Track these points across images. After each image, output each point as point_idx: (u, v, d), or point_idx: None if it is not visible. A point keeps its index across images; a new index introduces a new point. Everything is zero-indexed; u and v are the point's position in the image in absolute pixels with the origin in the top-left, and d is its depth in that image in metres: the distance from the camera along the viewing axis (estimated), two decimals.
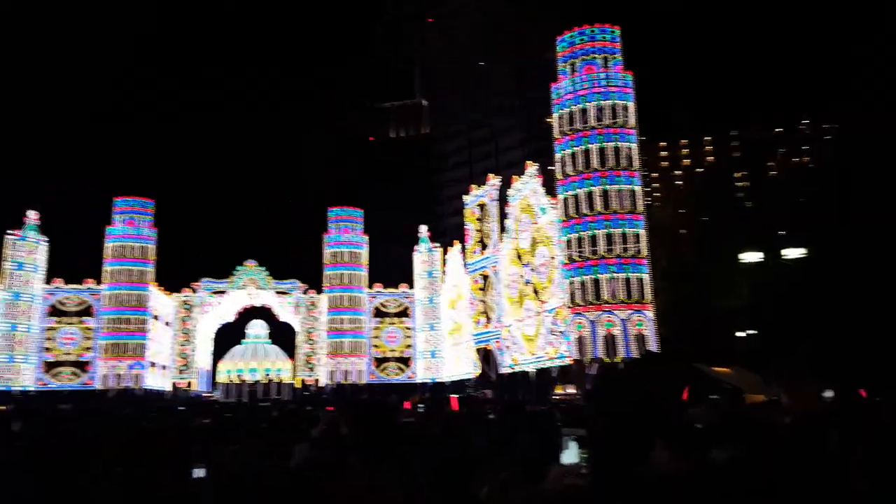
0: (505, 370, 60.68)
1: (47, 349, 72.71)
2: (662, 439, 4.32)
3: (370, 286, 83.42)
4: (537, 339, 55.40)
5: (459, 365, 74.51)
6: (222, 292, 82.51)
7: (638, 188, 51.50)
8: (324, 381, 80.00)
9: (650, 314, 49.43)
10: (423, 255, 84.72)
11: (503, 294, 62.12)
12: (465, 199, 71.43)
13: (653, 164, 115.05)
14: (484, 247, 66.93)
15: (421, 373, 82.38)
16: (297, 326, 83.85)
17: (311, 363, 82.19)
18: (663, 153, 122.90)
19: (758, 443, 5.09)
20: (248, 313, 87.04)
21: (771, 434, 5.56)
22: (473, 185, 70.53)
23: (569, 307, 50.60)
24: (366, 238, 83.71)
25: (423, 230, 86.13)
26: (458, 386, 71.33)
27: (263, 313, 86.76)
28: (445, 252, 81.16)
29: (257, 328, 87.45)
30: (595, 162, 51.14)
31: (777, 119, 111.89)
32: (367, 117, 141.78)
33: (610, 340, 48.87)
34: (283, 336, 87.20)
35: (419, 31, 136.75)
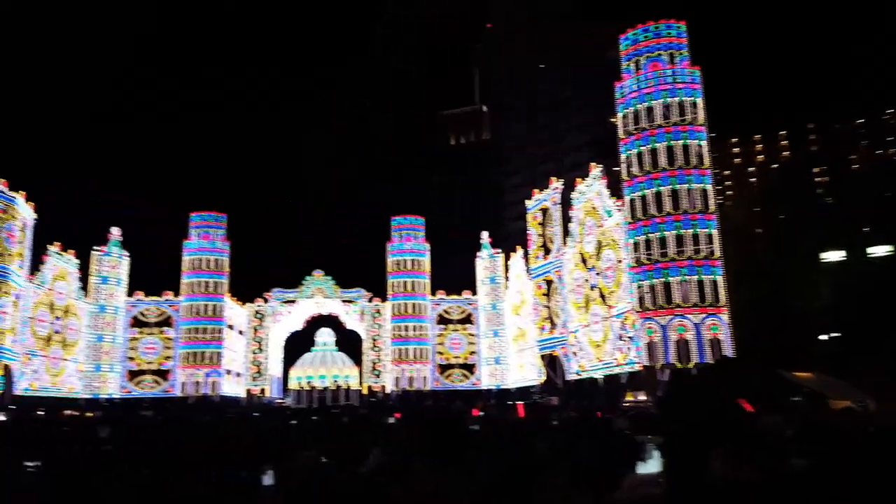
0: (571, 377, 59.55)
1: (130, 358, 76.59)
2: (730, 448, 4.03)
3: (433, 293, 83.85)
4: (605, 344, 54.12)
5: (524, 371, 73.71)
6: (292, 301, 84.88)
7: (709, 187, 49.70)
8: (389, 387, 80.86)
9: (725, 317, 47.48)
10: (486, 262, 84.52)
11: (568, 299, 61.06)
12: (527, 203, 70.79)
13: (724, 162, 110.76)
14: (547, 251, 66.05)
15: (485, 379, 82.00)
16: (362, 334, 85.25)
17: (377, 370, 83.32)
18: (735, 149, 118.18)
19: (838, 451, 4.68)
20: (317, 321, 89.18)
21: (852, 442, 5.12)
22: (535, 190, 69.77)
23: (638, 311, 49.19)
24: (428, 246, 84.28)
25: (485, 236, 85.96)
26: (523, 393, 70.55)
27: (331, 321, 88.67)
28: (508, 258, 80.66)
29: (325, 336, 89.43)
30: (663, 161, 49.70)
31: (858, 109, 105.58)
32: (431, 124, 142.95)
33: (682, 345, 47.22)
34: (349, 343, 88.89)
35: (478, 38, 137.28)
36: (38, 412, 53.51)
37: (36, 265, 63.68)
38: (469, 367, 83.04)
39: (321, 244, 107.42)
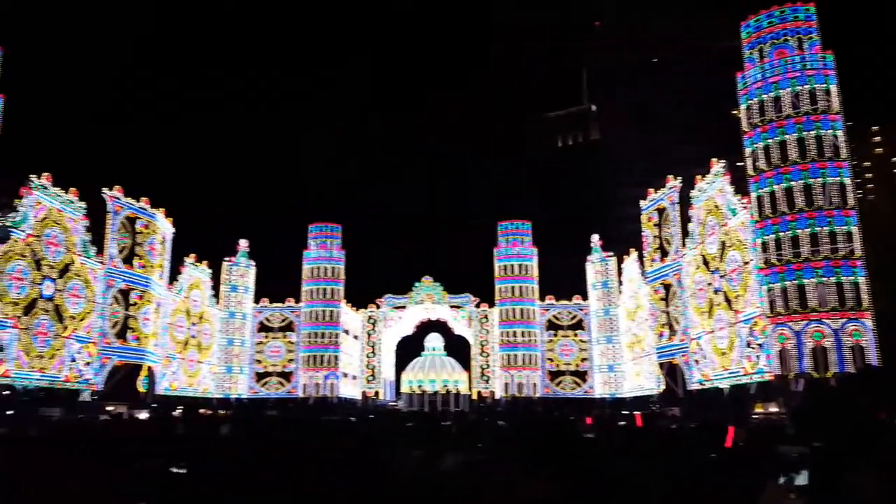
0: (694, 386, 56.22)
1: (258, 361, 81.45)
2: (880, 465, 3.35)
3: (542, 298, 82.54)
4: (731, 352, 50.61)
5: (640, 380, 70.56)
6: (402, 307, 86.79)
7: (847, 180, 45.32)
8: (499, 393, 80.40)
9: (868, 323, 42.96)
10: (597, 265, 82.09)
11: (689, 304, 57.81)
12: (642, 203, 67.94)
13: (864, 152, 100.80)
14: (664, 254, 62.97)
15: (599, 388, 79.41)
16: (470, 339, 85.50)
17: (486, 375, 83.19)
18: (877, 138, 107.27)
19: None
20: (426, 326, 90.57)
21: None
22: (650, 189, 66.79)
23: (768, 317, 45.60)
24: (535, 250, 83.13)
25: (595, 239, 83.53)
26: (639, 402, 67.52)
27: (440, 326, 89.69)
28: (620, 261, 77.81)
29: (434, 341, 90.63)
30: (793, 154, 45.92)
31: None
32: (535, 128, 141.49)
33: (819, 353, 43.22)
34: (458, 348, 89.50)
35: (587, 36, 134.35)
36: (177, 410, 58.06)
37: (174, 275, 69.26)
38: (581, 375, 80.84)
39: (431, 250, 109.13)
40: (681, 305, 59.31)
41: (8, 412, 39.14)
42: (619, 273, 78.22)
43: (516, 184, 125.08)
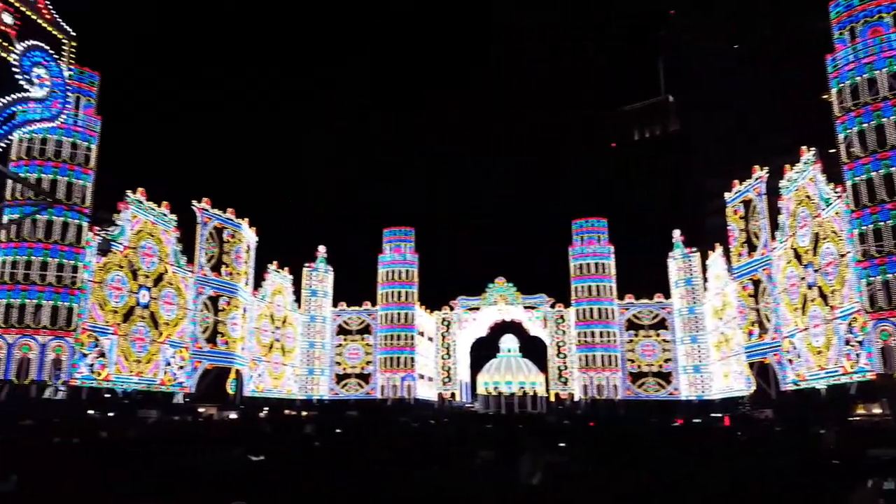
0: (787, 387, 53.14)
1: (337, 363, 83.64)
2: None
3: (620, 297, 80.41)
4: (828, 350, 47.48)
5: (729, 381, 67.40)
6: (476, 309, 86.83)
7: None
8: (578, 395, 78.94)
9: None
10: (679, 262, 79.18)
11: (781, 300, 54.73)
12: (727, 196, 64.90)
13: None
14: (752, 248, 59.91)
15: (684, 389, 76.50)
16: (546, 340, 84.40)
17: (563, 377, 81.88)
18: None
19: None
20: (501, 328, 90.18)
21: None
22: (735, 181, 63.73)
23: (868, 312, 42.45)
24: (611, 248, 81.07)
25: (677, 235, 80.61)
26: (728, 404, 64.55)
27: (514, 328, 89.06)
28: (705, 257, 74.68)
29: (509, 342, 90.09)
30: (893, 138, 42.59)
31: None
32: (609, 122, 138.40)
33: None
34: (534, 349, 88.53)
35: (662, 26, 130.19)
36: (263, 411, 60.40)
37: (258, 282, 72.14)
38: (664, 376, 78.14)
39: (504, 251, 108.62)
40: (771, 302, 56.23)
41: (109, 414, 41.79)
42: (704, 269, 75.11)
43: (591, 180, 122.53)
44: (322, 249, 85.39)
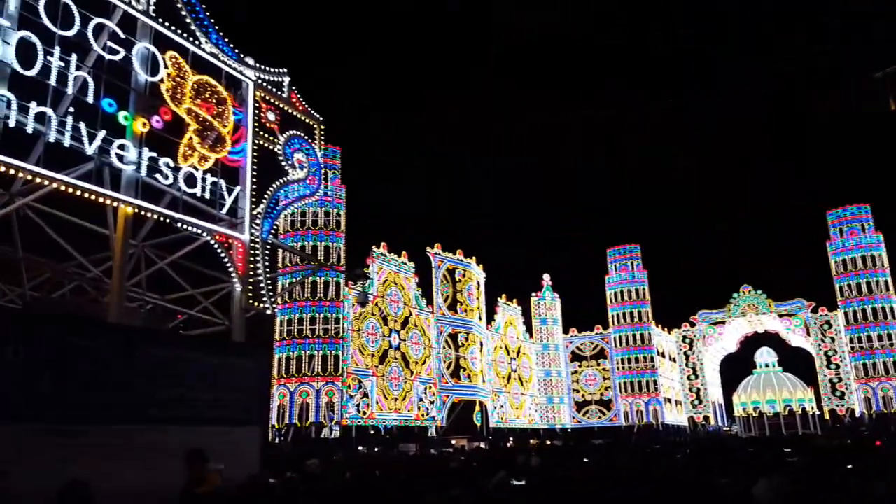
0: None
1: (575, 390, 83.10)
2: None
3: None
4: None
5: None
6: (721, 322, 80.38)
7: None
8: (859, 409, 68.06)
9: None
10: None
11: None
12: None
13: None
14: None
15: None
16: (811, 350, 74.60)
17: (838, 390, 71.33)
18: None
19: None
20: (752, 341, 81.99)
21: None
22: None
23: None
24: (881, 236, 69.85)
25: None
26: None
27: (769, 339, 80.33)
28: None
29: (765, 356, 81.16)
30: None
31: None
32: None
33: None
34: (798, 362, 78.81)
35: None
36: (508, 441, 62.22)
37: (490, 316, 75.35)
38: None
39: (744, 257, 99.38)
40: None
41: (376, 449, 46.54)
42: None
43: (846, 162, 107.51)
44: (547, 278, 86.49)
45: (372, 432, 53.80)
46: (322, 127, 24.03)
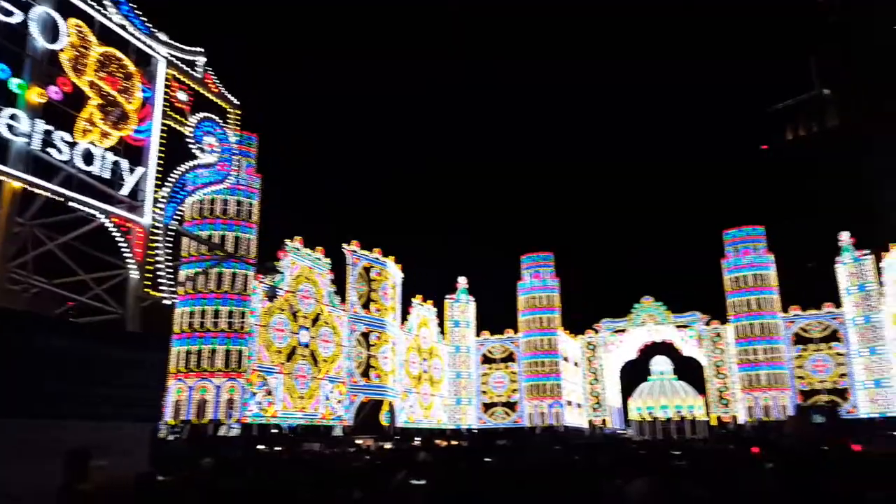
0: None
1: (483, 392, 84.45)
2: None
3: (785, 310, 74.03)
4: None
5: None
6: (622, 330, 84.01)
7: None
8: (742, 417, 73.16)
9: None
10: (849, 267, 71.62)
11: None
12: None
13: None
14: None
15: (863, 406, 68.37)
16: (703, 360, 79.40)
17: (724, 398, 76.33)
18: None
19: None
20: (650, 349, 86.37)
21: None
22: None
23: None
24: (771, 257, 75.21)
25: (845, 237, 73.18)
26: None
27: (665, 348, 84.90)
28: (879, 258, 67.04)
29: (661, 364, 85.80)
30: None
31: None
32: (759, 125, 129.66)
33: None
34: (690, 371, 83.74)
35: (810, 18, 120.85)
36: (415, 441, 62.32)
37: (405, 316, 75.26)
38: (840, 393, 70.34)
39: (649, 269, 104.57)
40: None
41: (276, 448, 45.37)
42: (879, 273, 67.43)
43: (741, 187, 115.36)
44: (462, 280, 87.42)
45: (274, 431, 52.42)
46: (238, 112, 23.18)
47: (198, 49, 22.28)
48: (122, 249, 19.19)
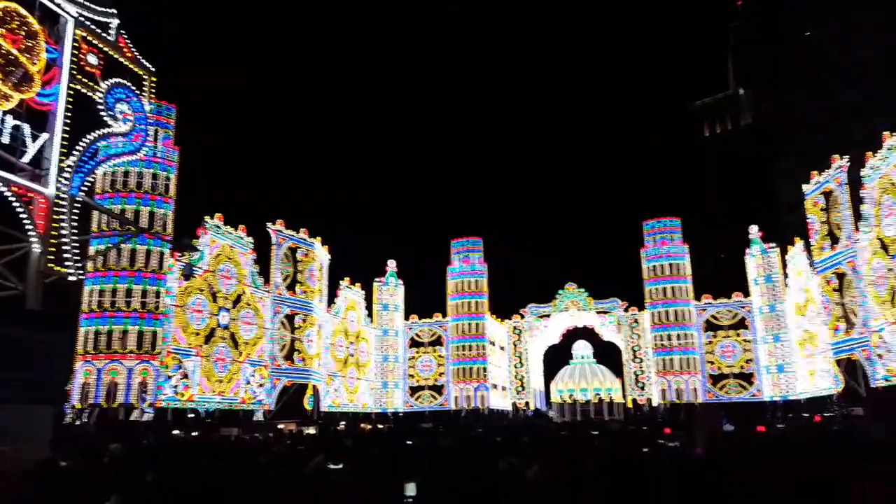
0: (878, 383, 49.99)
1: (410, 376, 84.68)
2: None
3: (697, 298, 77.91)
4: None
5: (815, 380, 64.00)
6: (547, 316, 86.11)
7: None
8: (656, 400, 76.83)
9: None
10: (757, 259, 76.01)
11: (868, 293, 51.68)
12: (805, 188, 62.02)
13: None
14: (835, 241, 56.92)
15: (767, 390, 73.17)
16: (621, 345, 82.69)
17: (640, 382, 79.87)
18: None
19: None
20: (573, 334, 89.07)
21: None
22: (814, 172, 60.83)
23: None
24: (686, 248, 78.85)
25: (754, 230, 77.46)
26: (815, 404, 61.30)
27: (587, 334, 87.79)
28: (784, 252, 71.45)
29: (582, 349, 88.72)
30: None
31: None
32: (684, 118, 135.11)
33: None
34: (609, 355, 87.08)
35: (728, 19, 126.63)
36: (340, 425, 61.87)
37: (332, 298, 74.12)
38: (746, 377, 74.95)
39: (573, 256, 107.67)
40: (857, 296, 53.18)
41: (193, 433, 43.86)
42: (784, 265, 71.89)
43: (660, 179, 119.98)
44: (392, 264, 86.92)
45: (191, 415, 50.69)
46: (153, 79, 21.83)
47: (111, 10, 20.80)
48: (24, 221, 17.82)
